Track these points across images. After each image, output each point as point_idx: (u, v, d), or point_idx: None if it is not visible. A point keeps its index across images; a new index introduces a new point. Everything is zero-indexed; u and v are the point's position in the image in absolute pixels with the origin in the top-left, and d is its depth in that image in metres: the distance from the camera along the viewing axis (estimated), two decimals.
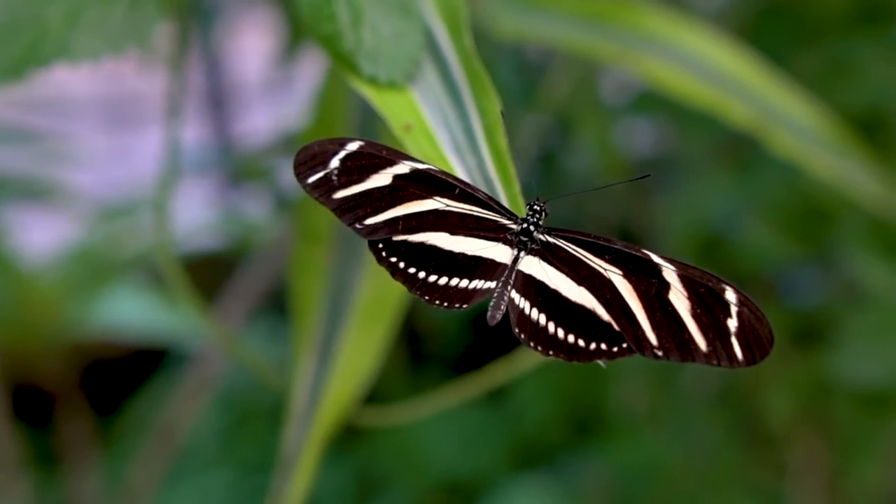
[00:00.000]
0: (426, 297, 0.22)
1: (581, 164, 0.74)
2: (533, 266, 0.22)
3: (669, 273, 0.21)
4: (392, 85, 0.25)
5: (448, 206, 0.22)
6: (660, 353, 0.21)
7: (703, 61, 0.38)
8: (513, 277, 0.22)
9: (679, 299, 0.21)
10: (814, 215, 0.50)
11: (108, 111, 0.95)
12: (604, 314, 0.22)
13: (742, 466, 0.69)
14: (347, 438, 0.80)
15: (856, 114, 0.45)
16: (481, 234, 0.23)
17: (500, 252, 0.23)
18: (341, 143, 0.23)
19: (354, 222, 0.22)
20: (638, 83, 0.59)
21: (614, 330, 0.22)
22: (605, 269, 0.22)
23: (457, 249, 0.22)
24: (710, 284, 0.21)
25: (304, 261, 0.33)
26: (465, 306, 0.22)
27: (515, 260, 0.22)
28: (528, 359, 0.39)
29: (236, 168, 0.68)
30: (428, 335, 0.85)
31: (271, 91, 0.71)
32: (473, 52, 0.25)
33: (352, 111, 0.36)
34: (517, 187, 0.23)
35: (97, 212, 0.67)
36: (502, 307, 0.22)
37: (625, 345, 0.21)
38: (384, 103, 0.24)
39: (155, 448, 0.64)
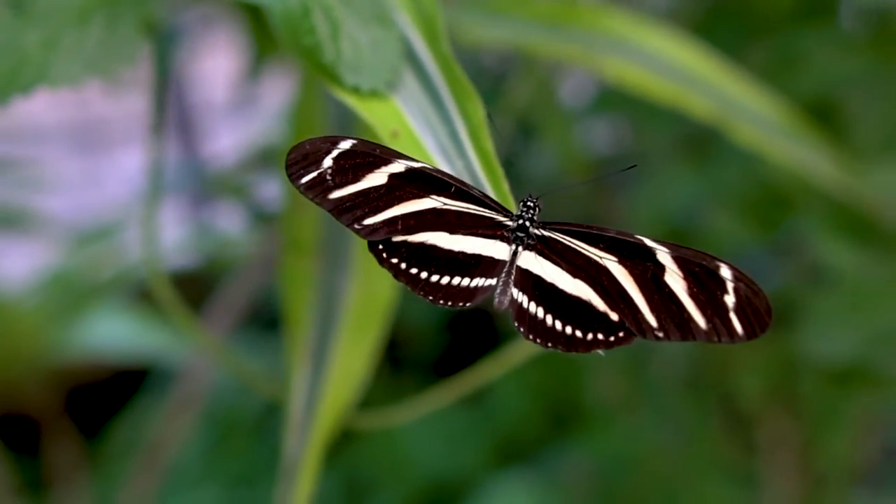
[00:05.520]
0: (430, 297, 0.22)
1: (544, 167, 0.74)
2: (530, 261, 0.22)
3: (663, 255, 0.21)
4: (374, 93, 0.25)
5: (445, 204, 0.22)
6: (660, 335, 0.21)
7: (664, 59, 0.39)
8: (513, 273, 0.22)
9: (675, 280, 0.21)
10: (774, 201, 0.51)
11: (76, 136, 0.93)
12: (600, 304, 0.22)
13: (716, 448, 0.70)
14: (332, 446, 0.80)
15: (807, 103, 0.46)
16: (479, 231, 0.23)
17: (498, 249, 0.23)
18: (333, 142, 0.22)
19: (353, 223, 0.22)
20: (595, 83, 0.60)
21: (610, 319, 0.22)
22: (601, 258, 0.22)
23: (456, 248, 0.22)
24: (704, 263, 0.21)
25: (293, 272, 0.33)
26: (468, 304, 0.22)
27: (514, 256, 0.22)
28: (507, 359, 0.39)
29: (209, 186, 0.67)
30: (405, 339, 0.85)
31: (237, 110, 0.70)
32: (452, 57, 0.25)
33: (328, 123, 0.36)
34: (506, 186, 0.23)
35: (72, 237, 0.66)
36: (508, 294, 0.22)
37: (621, 333, 0.22)
38: (369, 111, 0.24)
39: (143, 468, 0.63)
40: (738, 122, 0.38)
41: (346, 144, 0.22)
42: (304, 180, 0.22)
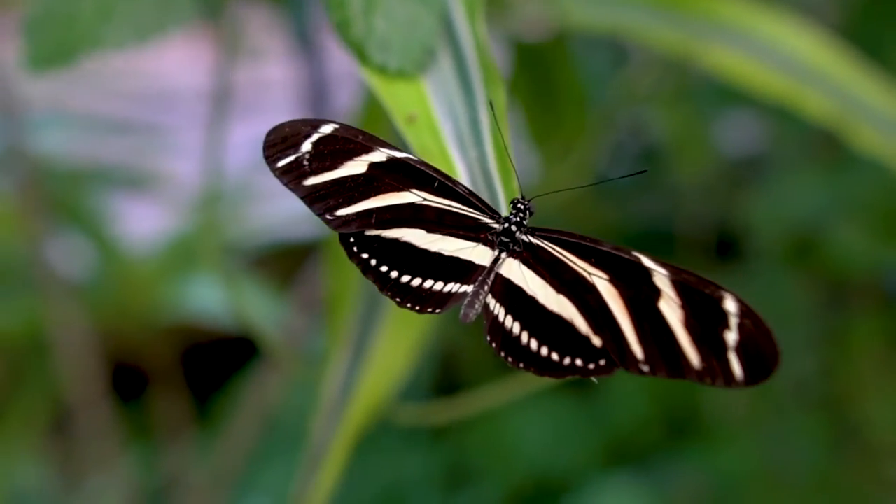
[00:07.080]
0: (398, 299, 0.21)
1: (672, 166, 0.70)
2: (512, 270, 0.20)
3: (661, 278, 0.19)
4: (402, 74, 0.23)
5: (426, 200, 0.21)
6: (645, 368, 0.19)
7: (777, 49, 0.35)
8: (490, 281, 0.20)
9: (671, 308, 0.19)
10: None
11: (207, 104, 0.97)
12: (582, 326, 0.20)
13: (842, 477, 0.65)
14: (438, 429, 0.80)
15: None
16: (461, 232, 0.21)
17: (479, 253, 0.21)
18: (314, 125, 0.21)
19: (325, 213, 0.21)
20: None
21: (592, 345, 0.20)
22: (590, 274, 0.20)
23: (433, 248, 0.21)
24: (706, 291, 0.19)
25: (341, 254, 0.32)
26: (438, 311, 0.20)
27: (495, 262, 0.21)
28: None
29: None
30: None
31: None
32: (486, 39, 0.23)
33: None
34: (515, 183, 0.21)
35: (194, 200, 0.69)
36: (476, 307, 0.20)
37: (602, 362, 0.19)
38: (389, 93, 0.23)
39: (247, 426, 0.65)
40: (861, 124, 0.34)
41: (327, 129, 0.21)
42: (279, 164, 0.21)
